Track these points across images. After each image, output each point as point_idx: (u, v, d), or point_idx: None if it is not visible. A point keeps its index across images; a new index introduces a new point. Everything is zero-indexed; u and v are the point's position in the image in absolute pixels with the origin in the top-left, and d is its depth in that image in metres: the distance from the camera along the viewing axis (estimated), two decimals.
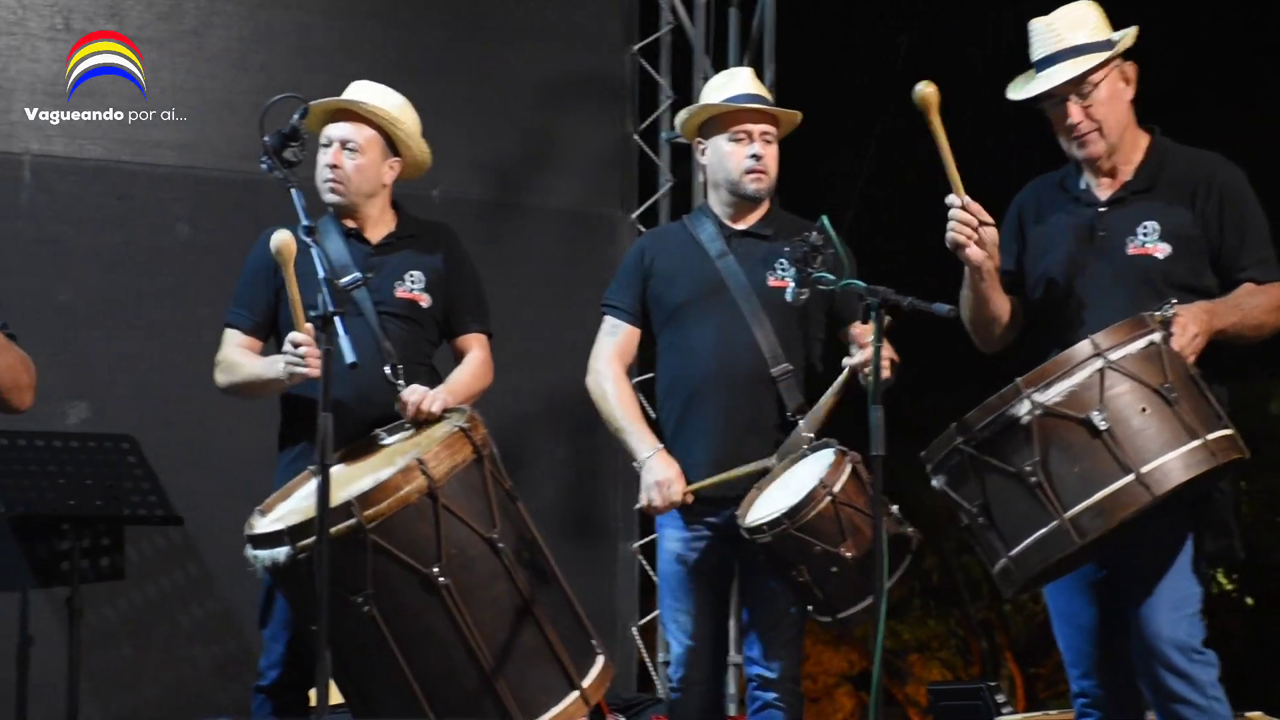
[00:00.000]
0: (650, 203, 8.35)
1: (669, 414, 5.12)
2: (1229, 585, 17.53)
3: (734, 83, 5.20)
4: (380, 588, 4.34)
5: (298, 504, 4.64)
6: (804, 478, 4.81)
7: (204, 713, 6.66)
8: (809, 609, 4.86)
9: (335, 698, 4.28)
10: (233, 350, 5.01)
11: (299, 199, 4.43)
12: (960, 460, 4.32)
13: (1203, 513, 4.42)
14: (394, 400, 4.83)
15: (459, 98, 7.66)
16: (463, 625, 4.36)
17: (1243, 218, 4.54)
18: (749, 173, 5.09)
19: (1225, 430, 4.24)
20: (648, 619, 8.03)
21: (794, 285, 4.69)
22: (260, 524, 4.57)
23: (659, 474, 4.98)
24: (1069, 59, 4.53)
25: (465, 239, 5.26)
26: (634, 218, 8.22)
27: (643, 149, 8.34)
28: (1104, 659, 4.59)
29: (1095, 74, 4.53)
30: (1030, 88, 4.59)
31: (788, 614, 4.97)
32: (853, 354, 4.80)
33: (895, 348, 4.68)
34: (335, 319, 4.17)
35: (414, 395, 4.79)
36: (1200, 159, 4.63)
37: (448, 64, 7.70)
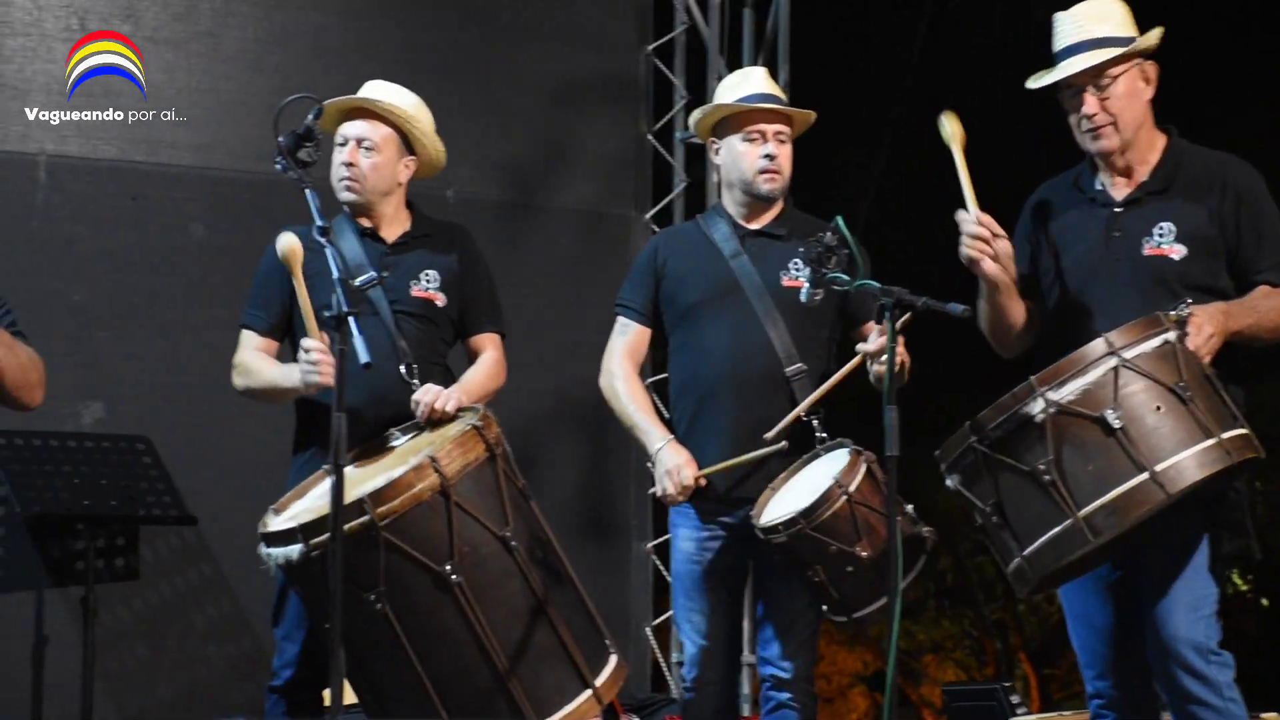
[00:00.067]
0: (664, 203, 8.35)
1: (682, 414, 5.11)
2: (1244, 586, 17.51)
3: (748, 82, 5.19)
4: (393, 585, 4.34)
5: (312, 502, 4.64)
6: (819, 477, 4.80)
7: (218, 712, 6.66)
8: (824, 609, 4.85)
9: (349, 697, 4.29)
10: (250, 354, 5.00)
11: (313, 199, 4.43)
12: (974, 459, 4.31)
13: (1218, 513, 4.40)
14: (409, 400, 4.83)
15: (474, 98, 7.66)
16: (475, 623, 4.36)
17: (1259, 219, 4.52)
18: (763, 173, 5.08)
19: (1240, 429, 4.22)
20: (661, 619, 8.02)
21: (808, 286, 4.67)
22: (274, 522, 4.58)
23: (669, 462, 4.97)
24: (1090, 50, 4.52)
25: (480, 239, 5.26)
26: (648, 218, 8.21)
27: (657, 149, 8.34)
28: (1119, 660, 4.58)
29: (1115, 67, 4.52)
30: (1049, 75, 4.58)
31: (802, 614, 4.96)
32: (869, 343, 4.78)
33: (909, 347, 4.67)
34: (349, 319, 4.17)
35: (428, 396, 4.79)
36: (1217, 160, 4.61)
37: (462, 64, 7.70)
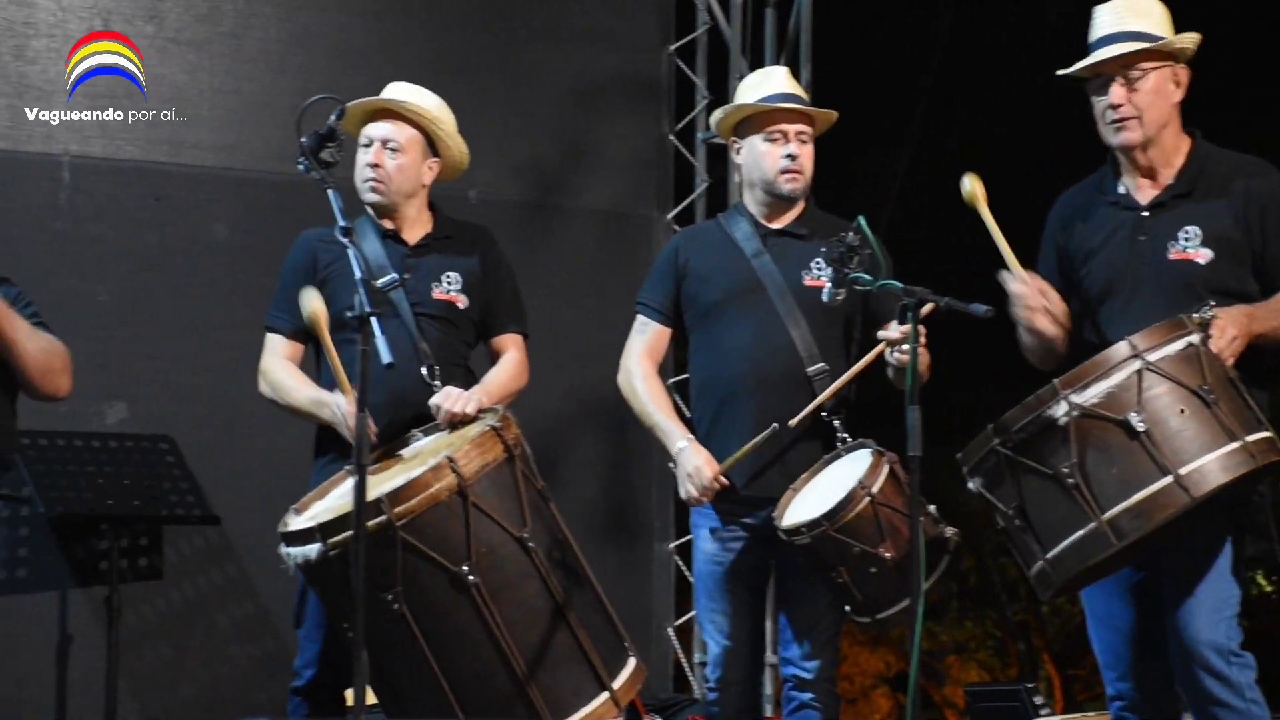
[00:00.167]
0: (686, 203, 8.35)
1: (703, 414, 5.11)
2: (1269, 588, 17.45)
3: (769, 82, 5.18)
4: (410, 585, 4.34)
5: (332, 502, 4.65)
6: (842, 478, 4.79)
7: (241, 713, 6.66)
8: (847, 610, 4.85)
9: (370, 698, 4.29)
10: (279, 365, 4.99)
11: (336, 200, 4.43)
12: (997, 462, 4.30)
13: (1242, 516, 4.39)
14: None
15: (496, 99, 7.66)
16: (492, 624, 4.36)
17: None
18: (784, 173, 5.07)
19: (1264, 432, 4.21)
20: (684, 619, 8.02)
21: (830, 285, 4.64)
22: (294, 522, 4.58)
23: (689, 464, 4.96)
24: (1125, 41, 4.50)
25: (501, 240, 5.27)
26: (670, 218, 8.21)
27: (679, 149, 8.33)
28: (1140, 661, 4.57)
29: (1146, 61, 4.50)
30: (1081, 62, 4.56)
31: (825, 615, 4.96)
32: (890, 330, 4.75)
33: (929, 341, 4.65)
34: (372, 319, 4.17)
35: (447, 401, 4.79)
36: (1243, 163, 4.59)
37: (485, 65, 7.71)
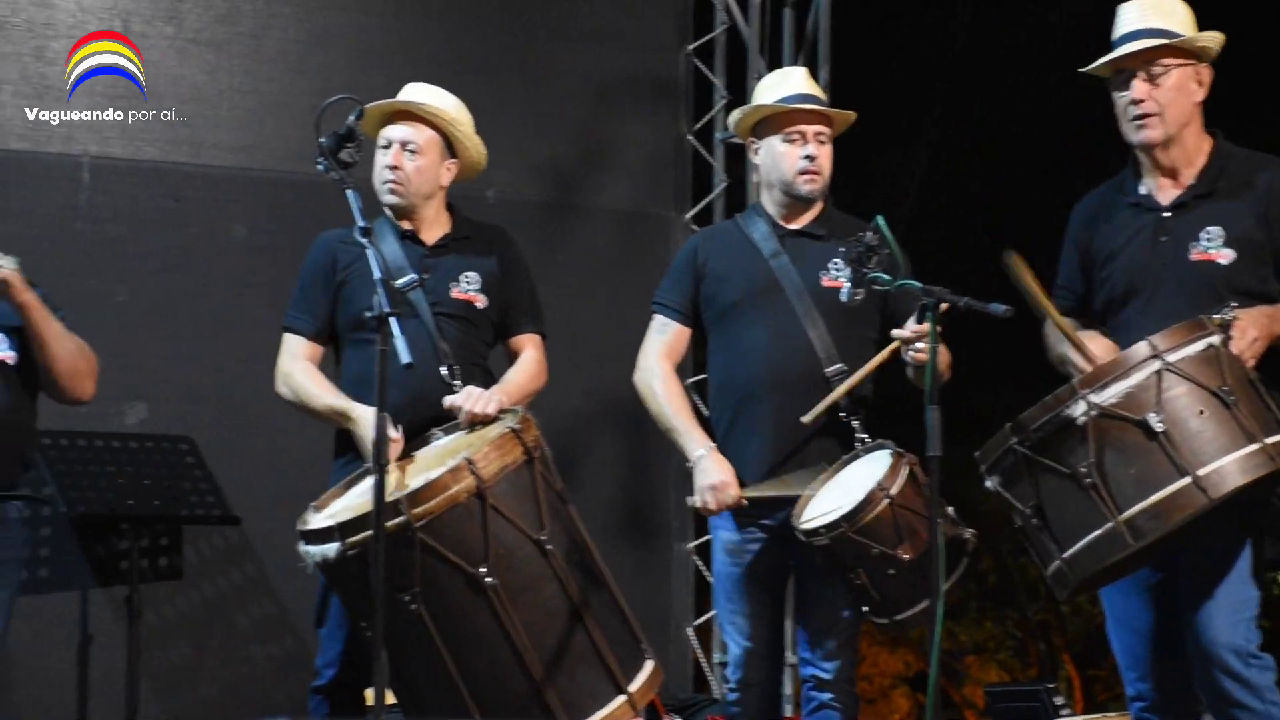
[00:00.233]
0: (704, 203, 8.35)
1: (721, 414, 5.10)
2: None
3: (788, 82, 5.17)
4: (428, 586, 4.34)
5: (351, 500, 4.66)
6: (860, 479, 4.78)
7: (261, 712, 6.67)
8: (865, 610, 4.84)
9: (390, 698, 4.30)
10: (299, 367, 4.99)
11: (355, 200, 4.43)
12: (1014, 461, 4.29)
13: (1261, 518, 4.37)
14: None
15: (514, 99, 7.67)
16: (509, 626, 4.36)
17: None
18: (803, 174, 5.06)
19: None
20: (703, 619, 8.01)
21: (849, 286, 4.63)
22: (313, 520, 4.59)
23: (713, 477, 4.94)
24: (1149, 38, 4.50)
25: (520, 240, 5.27)
26: (688, 218, 8.21)
27: (697, 149, 8.33)
28: (1160, 662, 4.56)
29: (1170, 58, 4.49)
30: (1104, 57, 4.55)
31: (844, 615, 4.95)
32: (905, 327, 4.75)
33: (949, 345, 4.65)
34: (391, 319, 4.18)
35: (468, 401, 4.79)
36: (1265, 163, 4.57)
37: (503, 65, 7.71)
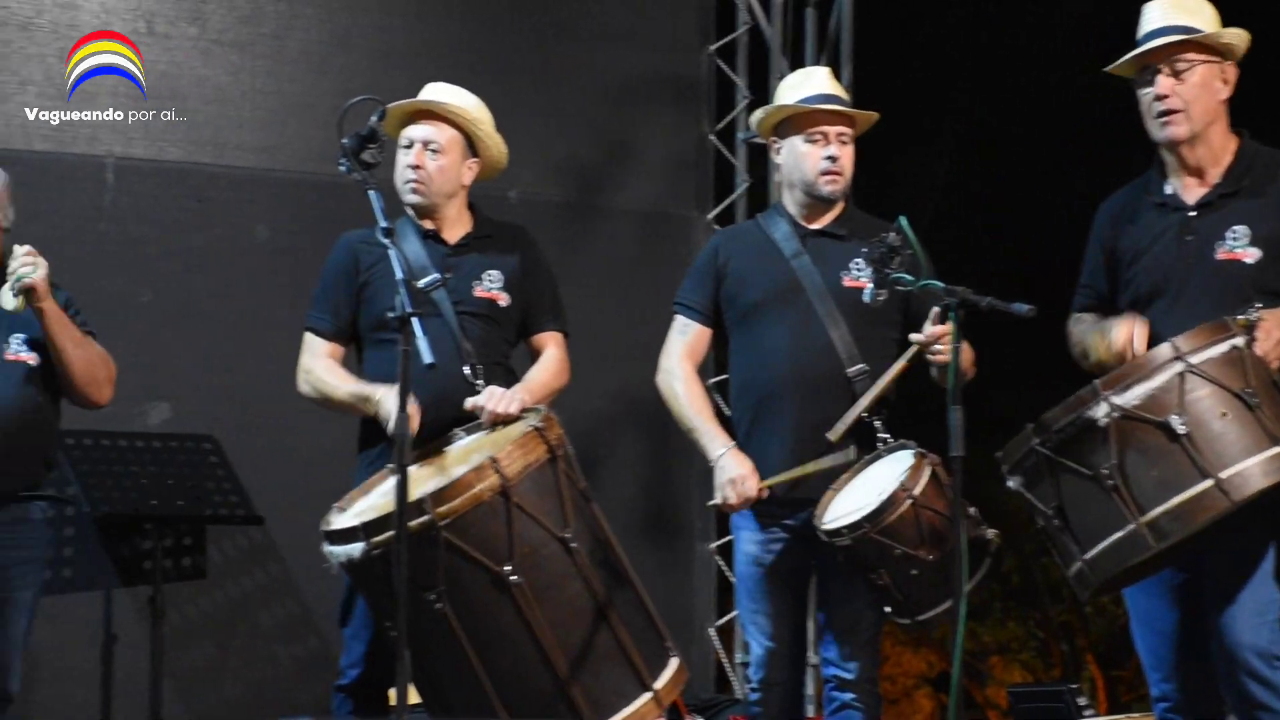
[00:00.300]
0: (726, 203, 8.34)
1: (742, 415, 5.10)
2: None
3: (810, 82, 5.16)
4: (452, 585, 4.35)
5: (375, 500, 4.67)
6: (883, 480, 4.78)
7: (285, 712, 6.68)
8: (888, 611, 4.84)
9: (414, 697, 4.30)
10: (321, 364, 5.00)
11: (377, 200, 4.44)
12: (1036, 461, 4.29)
13: None
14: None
15: (536, 98, 7.67)
16: (534, 624, 4.36)
17: None
18: (825, 174, 5.05)
19: None
20: (726, 619, 8.01)
21: (872, 286, 4.63)
22: (337, 520, 4.60)
23: (732, 471, 4.94)
24: (1175, 34, 4.48)
25: (541, 239, 5.26)
26: (710, 218, 8.21)
27: (719, 149, 8.33)
28: (1184, 663, 4.55)
29: (1195, 54, 4.48)
30: (1129, 54, 4.53)
31: (866, 615, 4.94)
32: (923, 330, 4.74)
33: (971, 345, 4.64)
34: (413, 319, 4.19)
35: (491, 401, 4.80)
36: None
37: (525, 65, 7.72)
